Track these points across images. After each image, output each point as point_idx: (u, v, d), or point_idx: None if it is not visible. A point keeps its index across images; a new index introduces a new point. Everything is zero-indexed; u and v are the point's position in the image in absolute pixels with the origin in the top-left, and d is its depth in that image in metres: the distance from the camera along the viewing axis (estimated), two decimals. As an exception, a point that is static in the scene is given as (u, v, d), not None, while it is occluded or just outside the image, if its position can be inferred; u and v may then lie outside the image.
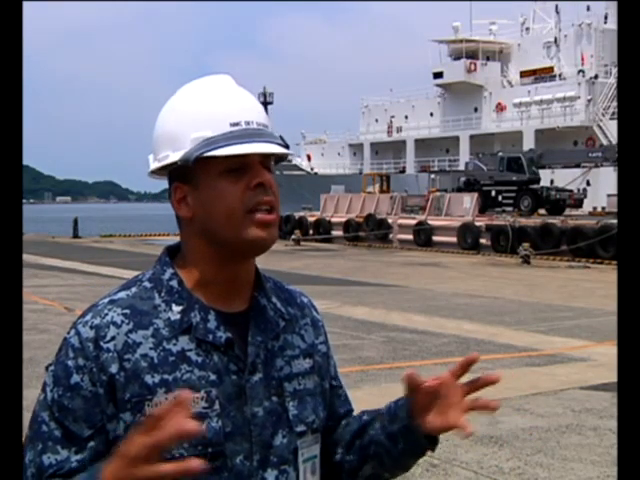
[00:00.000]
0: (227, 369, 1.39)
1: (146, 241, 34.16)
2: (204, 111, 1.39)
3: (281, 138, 1.43)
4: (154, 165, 1.45)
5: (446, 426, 1.41)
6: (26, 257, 21.69)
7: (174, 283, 1.42)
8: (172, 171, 1.43)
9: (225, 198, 1.38)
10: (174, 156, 1.40)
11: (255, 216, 1.38)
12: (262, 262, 1.51)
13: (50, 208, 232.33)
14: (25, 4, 1.75)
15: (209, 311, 1.41)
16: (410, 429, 1.46)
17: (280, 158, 1.46)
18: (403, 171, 53.02)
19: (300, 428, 1.46)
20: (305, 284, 17.42)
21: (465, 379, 1.41)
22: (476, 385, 1.41)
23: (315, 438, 1.50)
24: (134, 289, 1.42)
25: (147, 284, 1.43)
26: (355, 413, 1.65)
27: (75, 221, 36.29)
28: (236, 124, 1.38)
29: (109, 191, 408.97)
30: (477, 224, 28.80)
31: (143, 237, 37.27)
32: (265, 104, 67.67)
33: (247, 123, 1.39)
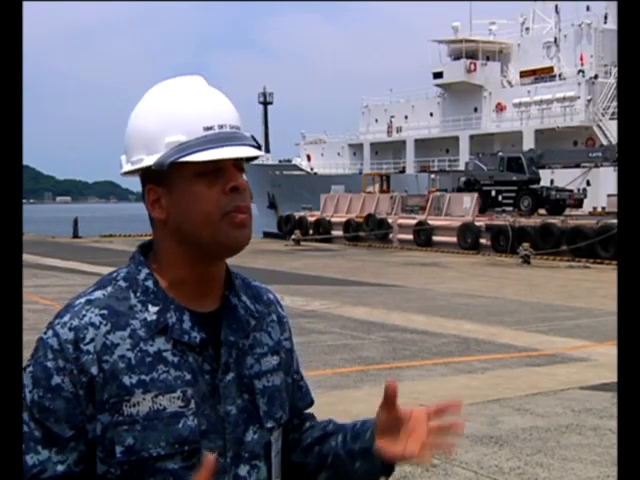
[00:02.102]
0: (201, 369, 1.42)
1: (146, 241, 34.09)
2: (177, 115, 1.40)
3: (253, 138, 1.44)
4: (127, 167, 1.46)
5: (403, 456, 1.45)
6: (26, 257, 21.69)
7: (150, 283, 1.44)
8: (145, 172, 1.44)
9: (200, 202, 1.39)
10: (148, 160, 1.41)
11: (230, 217, 1.40)
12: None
13: (50, 208, 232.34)
14: (25, 4, 1.75)
15: (184, 311, 1.43)
16: (370, 452, 1.50)
17: (252, 157, 1.47)
18: (403, 171, 52.96)
19: (270, 424, 1.50)
20: (305, 284, 17.42)
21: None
22: (441, 428, 1.45)
23: (280, 433, 1.55)
24: (110, 288, 1.43)
25: (122, 283, 1.44)
26: (340, 418, 1.69)
27: (75, 221, 36.25)
28: (209, 128, 1.39)
29: (109, 191, 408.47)
30: (477, 224, 28.80)
31: (143, 237, 37.27)
32: (265, 104, 67.69)
33: (220, 127, 1.40)
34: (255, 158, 1.46)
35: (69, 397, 1.36)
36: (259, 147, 1.45)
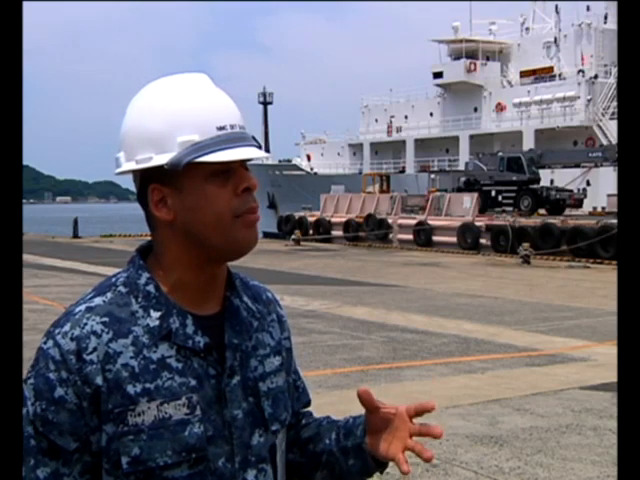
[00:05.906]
0: (206, 374, 1.39)
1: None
2: (189, 113, 1.36)
3: (254, 139, 1.43)
4: (130, 165, 1.40)
5: (387, 456, 1.47)
6: (26, 257, 21.69)
7: (151, 288, 1.40)
8: (148, 171, 1.39)
9: (213, 203, 1.37)
10: (159, 159, 1.36)
11: (242, 218, 1.38)
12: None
13: (50, 208, 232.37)
14: (25, 4, 1.75)
15: (186, 316, 1.40)
16: (362, 448, 1.51)
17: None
18: (403, 171, 52.98)
19: (275, 426, 1.48)
20: (305, 284, 17.42)
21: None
22: (421, 431, 1.46)
23: (284, 435, 1.53)
24: (109, 294, 1.39)
25: (122, 289, 1.40)
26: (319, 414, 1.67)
27: (75, 221, 36.26)
28: (222, 128, 1.36)
29: (109, 191, 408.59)
30: (477, 224, 28.80)
31: (143, 237, 37.25)
32: (265, 104, 67.69)
33: (232, 127, 1.38)
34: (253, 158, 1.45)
35: (73, 409, 1.32)
36: (261, 147, 1.43)
